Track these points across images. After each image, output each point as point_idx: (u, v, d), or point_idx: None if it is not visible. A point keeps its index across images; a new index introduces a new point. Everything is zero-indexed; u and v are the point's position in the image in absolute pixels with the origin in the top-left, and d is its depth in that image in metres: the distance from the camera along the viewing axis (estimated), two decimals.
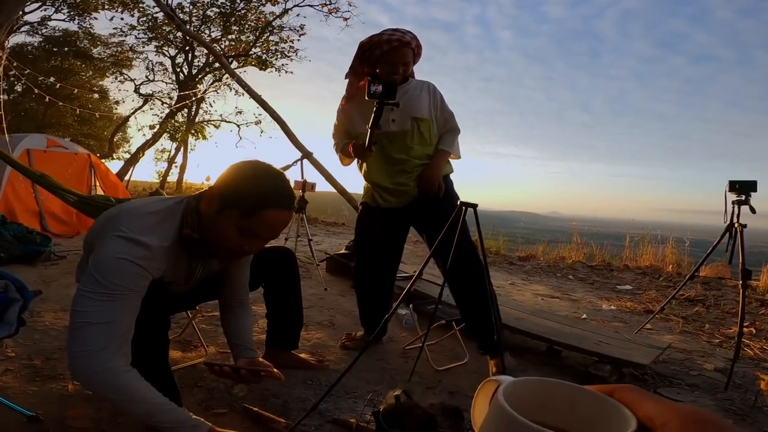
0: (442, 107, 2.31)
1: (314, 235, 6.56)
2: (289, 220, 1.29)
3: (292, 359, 2.08)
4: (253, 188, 1.22)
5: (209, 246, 1.31)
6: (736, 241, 2.54)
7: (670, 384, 2.26)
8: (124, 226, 1.22)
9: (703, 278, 5.00)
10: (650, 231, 7.10)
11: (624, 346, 2.44)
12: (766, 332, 3.27)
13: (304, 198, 4.21)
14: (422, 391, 2.01)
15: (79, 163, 5.00)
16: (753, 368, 2.49)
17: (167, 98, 17.44)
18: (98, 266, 1.17)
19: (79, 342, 1.15)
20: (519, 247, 7.40)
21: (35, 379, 1.70)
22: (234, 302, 1.70)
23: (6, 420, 1.40)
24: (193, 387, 1.81)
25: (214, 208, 1.25)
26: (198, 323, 2.43)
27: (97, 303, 1.15)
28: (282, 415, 1.64)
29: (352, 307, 3.27)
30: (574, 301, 4.24)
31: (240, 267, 1.65)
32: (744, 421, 1.89)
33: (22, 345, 1.97)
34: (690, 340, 3.06)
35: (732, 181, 2.55)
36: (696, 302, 4.19)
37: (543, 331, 2.58)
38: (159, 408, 1.19)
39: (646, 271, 5.85)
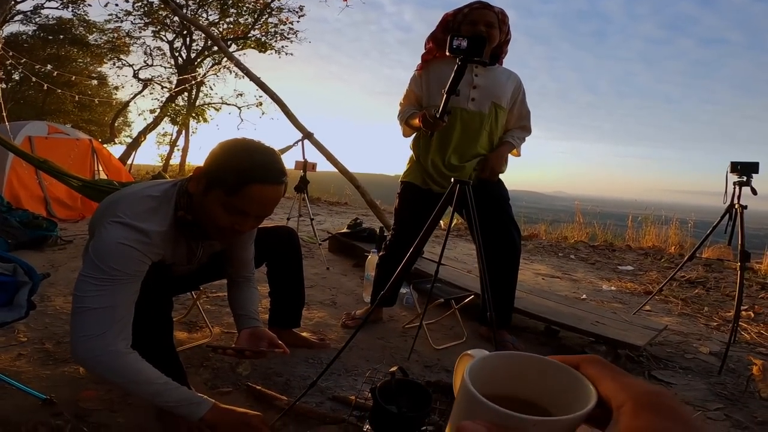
0: (522, 103, 2.27)
1: (316, 214, 6.58)
2: (277, 195, 1.26)
3: (294, 338, 2.12)
4: (236, 164, 1.21)
5: (202, 227, 1.33)
6: (735, 222, 2.55)
7: (665, 367, 2.28)
8: (122, 212, 1.23)
9: (704, 260, 5.00)
10: (654, 211, 7.06)
11: (621, 327, 2.48)
12: (765, 316, 3.28)
13: (305, 178, 4.21)
14: (421, 369, 2.05)
15: (81, 149, 5.03)
16: (748, 352, 2.50)
17: (167, 83, 17.41)
18: (98, 252, 1.20)
19: (80, 327, 1.18)
20: (522, 226, 7.39)
21: (48, 363, 1.74)
22: (239, 278, 1.73)
23: (21, 403, 1.45)
24: (199, 367, 1.86)
25: (201, 187, 1.26)
26: (203, 304, 2.46)
27: (97, 288, 1.18)
28: (284, 393, 1.69)
29: (353, 287, 3.32)
30: (575, 281, 4.27)
31: (243, 245, 1.67)
32: (734, 406, 1.90)
33: (33, 329, 2.02)
34: (688, 322, 3.09)
35: (734, 162, 2.55)
36: (696, 284, 4.21)
37: (541, 311, 2.62)
38: (163, 388, 1.23)
39: (648, 252, 5.85)
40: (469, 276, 3.31)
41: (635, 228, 6.90)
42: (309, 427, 1.43)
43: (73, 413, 1.44)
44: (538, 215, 9.12)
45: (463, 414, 0.31)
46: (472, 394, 0.30)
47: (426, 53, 2.22)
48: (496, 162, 2.19)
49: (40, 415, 1.41)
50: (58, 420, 1.39)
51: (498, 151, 2.21)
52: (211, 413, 1.26)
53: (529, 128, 2.31)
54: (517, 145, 2.26)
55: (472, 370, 0.33)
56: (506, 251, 2.25)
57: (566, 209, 10.75)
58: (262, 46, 15.78)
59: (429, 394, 1.36)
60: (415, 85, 2.26)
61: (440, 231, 5.42)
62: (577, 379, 0.32)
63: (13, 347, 1.83)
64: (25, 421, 1.36)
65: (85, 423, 1.40)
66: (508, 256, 2.26)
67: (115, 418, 1.45)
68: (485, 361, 0.35)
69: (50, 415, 1.41)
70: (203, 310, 2.28)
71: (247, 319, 1.60)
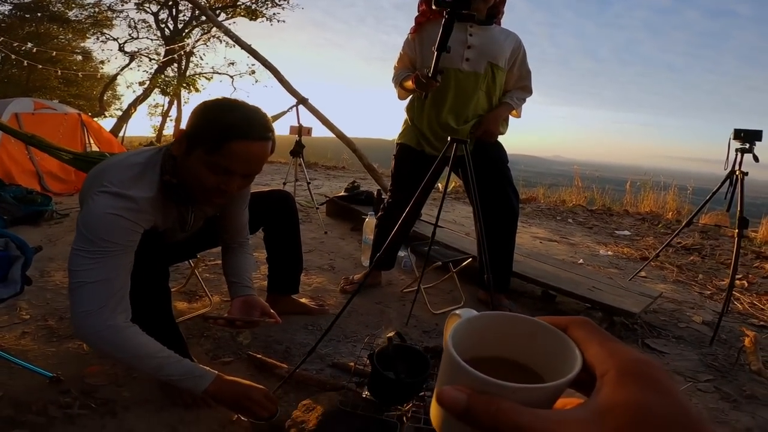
0: (522, 63, 2.21)
1: (314, 179, 6.53)
2: (262, 151, 1.23)
3: (293, 304, 2.13)
4: (215, 122, 1.18)
5: (189, 190, 1.30)
6: (736, 188, 2.55)
7: (658, 335, 2.31)
8: (108, 181, 1.20)
9: (701, 227, 5.02)
10: (653, 177, 7.03)
11: (616, 293, 2.51)
12: (758, 286, 3.31)
13: (301, 142, 4.19)
14: (419, 334, 2.08)
15: (69, 123, 4.97)
16: (740, 323, 2.53)
17: (154, 54, 17.05)
18: (87, 224, 1.17)
19: (78, 303, 1.17)
20: (520, 190, 7.36)
21: (52, 340, 1.75)
22: (234, 244, 1.71)
23: (29, 382, 1.46)
24: (200, 337, 1.88)
25: (183, 149, 1.23)
26: (201, 273, 2.45)
27: (90, 261, 1.16)
28: (284, 361, 1.71)
29: (352, 250, 3.33)
30: (572, 245, 4.29)
31: (236, 210, 1.65)
32: (724, 379, 1.92)
33: (35, 306, 2.01)
34: (682, 290, 3.12)
35: (737, 129, 2.55)
36: (692, 251, 4.24)
37: (539, 275, 2.64)
38: (165, 361, 1.23)
39: (645, 217, 5.85)
40: (468, 239, 3.31)
41: (633, 193, 6.89)
42: (309, 394, 1.45)
43: (80, 390, 1.45)
44: (537, 179, 9.09)
45: (446, 378, 0.30)
46: (453, 358, 0.29)
47: (419, 15, 2.16)
48: (492, 123, 2.16)
49: (49, 393, 1.42)
50: (67, 398, 1.41)
51: (494, 112, 2.17)
52: (214, 386, 1.26)
53: (529, 89, 2.26)
54: (516, 106, 2.22)
55: (456, 332, 0.32)
56: (504, 215, 2.24)
57: (565, 173, 10.71)
58: (252, 13, 15.38)
59: (427, 360, 1.37)
60: (409, 48, 2.22)
61: (438, 194, 5.39)
62: (564, 342, 0.31)
63: (16, 325, 1.83)
64: (34, 401, 1.37)
65: (92, 399, 1.42)
66: (505, 219, 2.25)
67: (120, 393, 1.46)
68: (472, 323, 0.34)
69: (58, 392, 1.43)
70: (202, 279, 2.28)
71: (240, 287, 1.59)
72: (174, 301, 2.15)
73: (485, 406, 0.27)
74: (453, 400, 0.28)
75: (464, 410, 0.27)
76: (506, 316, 0.34)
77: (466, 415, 0.27)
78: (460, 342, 0.31)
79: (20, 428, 1.26)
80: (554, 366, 0.31)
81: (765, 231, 5.03)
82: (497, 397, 0.27)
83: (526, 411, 0.26)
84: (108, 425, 1.32)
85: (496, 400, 0.27)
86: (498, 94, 2.19)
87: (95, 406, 1.39)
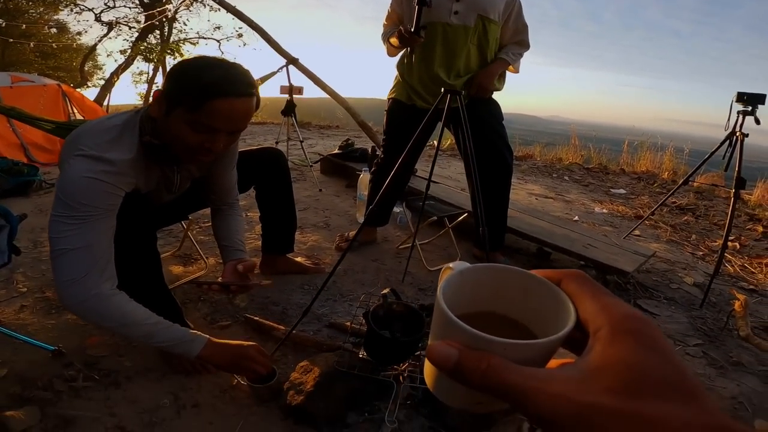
0: (518, 16, 2.13)
1: (307, 138, 6.42)
2: (245, 107, 1.19)
3: (289, 264, 2.12)
4: (194, 80, 1.13)
5: (172, 150, 1.26)
6: (735, 149, 2.54)
7: (650, 296, 2.33)
8: (84, 144, 1.16)
9: (696, 187, 5.02)
10: (650, 138, 6.99)
11: (611, 251, 2.52)
12: (750, 248, 3.33)
13: (292, 101, 4.11)
14: (415, 292, 2.09)
15: (50, 94, 4.88)
16: (730, 286, 2.55)
17: (134, 22, 16.31)
18: (64, 189, 1.13)
19: (61, 271, 1.14)
20: (516, 148, 7.29)
21: (51, 312, 1.73)
22: (223, 205, 1.68)
23: (32, 357, 1.45)
24: (197, 302, 1.87)
25: (163, 109, 1.18)
26: (195, 235, 2.43)
27: (69, 227, 1.13)
28: (282, 322, 1.71)
29: (347, 207, 3.30)
30: (568, 202, 4.30)
31: (224, 169, 1.61)
32: (713, 344, 1.95)
33: (31, 278, 1.98)
34: (675, 250, 3.14)
35: (740, 93, 2.53)
36: (686, 211, 4.25)
37: (534, 231, 2.64)
38: (154, 329, 1.22)
39: (641, 177, 5.85)
40: (463, 194, 3.29)
41: (630, 153, 6.86)
42: (307, 356, 1.46)
43: (83, 361, 1.45)
44: (534, 138, 9.00)
45: (437, 333, 0.30)
46: (444, 312, 0.29)
47: None
48: (485, 79, 2.11)
49: (52, 367, 1.42)
50: (70, 371, 1.41)
51: (489, 68, 2.12)
52: (206, 350, 1.26)
53: (526, 43, 2.19)
54: (512, 62, 2.16)
55: (448, 286, 0.31)
56: (498, 171, 2.22)
57: (562, 133, 10.60)
58: None
59: (422, 319, 1.37)
60: (396, 4, 2.19)
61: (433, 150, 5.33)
62: (558, 297, 0.30)
63: (15, 299, 1.81)
64: (39, 376, 1.37)
65: (95, 370, 1.42)
66: (499, 175, 2.24)
67: (122, 363, 1.47)
68: (464, 276, 0.33)
69: (62, 366, 1.43)
70: (196, 242, 2.26)
71: (232, 251, 1.56)
72: (169, 266, 2.14)
73: (475, 362, 0.26)
74: (443, 356, 0.27)
75: (454, 366, 0.27)
76: (499, 269, 0.33)
77: (456, 371, 0.27)
78: (452, 296, 0.30)
79: (29, 404, 1.27)
80: (548, 322, 0.30)
81: (759, 194, 5.05)
82: (487, 353, 0.26)
83: (515, 369, 0.25)
84: (113, 396, 1.33)
85: (486, 356, 0.26)
86: (493, 49, 2.13)
87: (98, 377, 1.40)
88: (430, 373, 0.32)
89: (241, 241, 1.61)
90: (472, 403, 0.30)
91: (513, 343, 0.26)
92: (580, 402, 0.23)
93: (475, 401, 0.30)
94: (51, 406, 1.27)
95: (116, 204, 1.20)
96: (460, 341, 0.27)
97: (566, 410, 0.23)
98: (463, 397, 0.30)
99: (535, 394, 0.24)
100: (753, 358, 1.84)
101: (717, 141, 2.72)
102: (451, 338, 0.28)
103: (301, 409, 1.25)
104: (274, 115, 8.39)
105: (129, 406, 1.30)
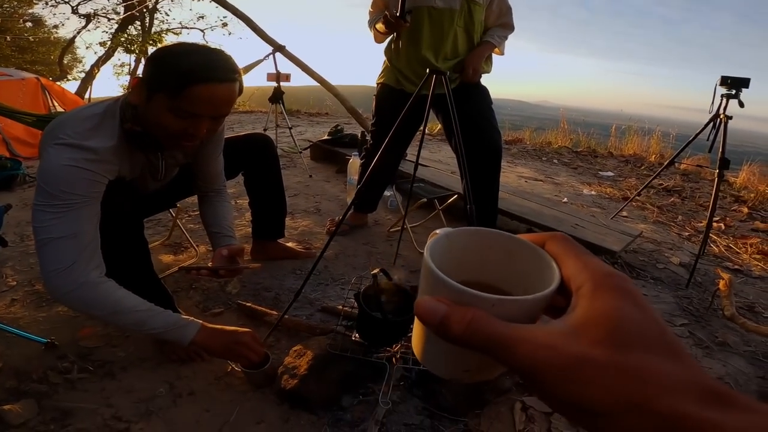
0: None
1: (297, 125, 6.36)
2: (227, 93, 1.17)
3: (280, 249, 2.12)
4: (174, 66, 1.11)
5: (155, 137, 1.24)
6: (719, 131, 2.57)
7: (637, 276, 2.37)
8: (64, 133, 1.14)
9: (682, 170, 5.08)
10: (638, 122, 7.05)
11: (599, 231, 2.56)
12: (735, 229, 3.39)
13: (280, 88, 4.07)
14: (406, 274, 2.09)
15: (29, 88, 4.78)
16: (716, 266, 2.59)
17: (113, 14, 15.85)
18: (45, 177, 1.11)
19: (47, 261, 1.12)
20: (506, 132, 7.31)
21: (41, 305, 1.72)
22: (210, 192, 1.67)
23: (25, 351, 1.44)
24: (189, 290, 1.86)
25: (143, 96, 1.16)
26: (185, 224, 2.41)
27: (53, 216, 1.11)
28: (274, 308, 1.71)
29: (337, 192, 3.30)
30: (557, 184, 4.33)
31: (210, 155, 1.59)
32: (698, 323, 1.98)
33: (20, 272, 1.96)
34: (661, 230, 3.19)
35: (724, 76, 2.55)
36: (673, 192, 4.31)
37: (523, 212, 2.67)
38: (146, 315, 1.21)
39: (629, 160, 5.91)
40: (453, 177, 3.30)
41: (618, 137, 6.92)
42: (300, 340, 1.46)
43: (76, 353, 1.45)
44: (523, 122, 9.01)
45: (426, 291, 0.30)
46: (430, 269, 0.29)
47: None
48: (476, 61, 2.11)
49: (46, 359, 1.41)
50: (65, 362, 1.40)
51: (475, 52, 2.12)
52: (200, 335, 1.26)
53: (511, 25, 2.19)
54: (498, 44, 2.16)
55: (435, 249, 0.31)
56: (488, 153, 2.22)
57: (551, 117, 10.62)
58: None
59: (413, 299, 1.38)
60: None
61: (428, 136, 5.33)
62: (542, 258, 0.30)
63: (5, 293, 1.79)
64: (34, 369, 1.36)
65: (90, 362, 1.42)
66: (489, 158, 2.24)
67: (116, 353, 1.46)
68: (450, 238, 0.33)
69: (55, 358, 1.42)
70: (186, 230, 2.24)
71: (221, 237, 1.56)
72: (159, 255, 2.12)
73: (460, 314, 0.26)
74: (430, 309, 0.27)
75: (440, 321, 0.26)
76: (484, 232, 0.33)
77: (442, 324, 0.26)
78: (439, 259, 0.30)
79: (26, 397, 1.26)
80: (533, 284, 0.30)
81: (745, 176, 5.13)
82: (473, 307, 0.26)
83: (500, 321, 0.25)
84: (108, 387, 1.33)
85: (471, 309, 0.26)
86: (479, 31, 2.13)
87: (93, 368, 1.39)
88: (418, 341, 0.32)
89: (230, 226, 1.61)
90: (460, 370, 0.30)
91: (500, 299, 0.26)
92: (569, 353, 0.23)
93: (463, 368, 0.30)
94: (47, 399, 1.27)
95: (99, 191, 1.19)
96: (448, 298, 0.27)
97: (553, 360, 0.23)
98: (451, 363, 0.30)
99: (520, 343, 0.24)
100: (739, 339, 1.87)
101: (703, 125, 2.75)
102: (440, 295, 0.28)
103: (295, 393, 1.26)
104: (262, 104, 8.29)
105: (125, 396, 1.30)
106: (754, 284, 2.44)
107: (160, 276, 1.61)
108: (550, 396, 0.24)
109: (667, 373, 0.22)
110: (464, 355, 0.29)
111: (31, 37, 13.83)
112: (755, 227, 3.44)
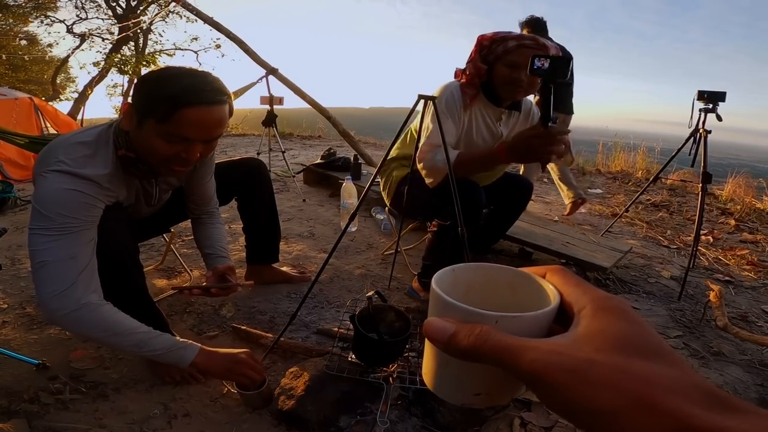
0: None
1: (290, 148, 6.42)
2: (218, 116, 1.17)
3: (275, 273, 2.12)
4: (161, 91, 1.12)
5: (147, 162, 1.25)
6: (699, 146, 2.63)
7: (629, 291, 2.40)
8: (59, 159, 1.14)
9: (669, 184, 5.17)
10: (623, 138, 7.21)
11: (589, 248, 2.59)
12: (723, 241, 3.44)
13: (273, 112, 4.12)
14: (401, 297, 2.11)
15: (22, 108, 4.76)
16: (706, 278, 2.63)
17: (107, 34, 16.17)
18: (41, 201, 1.12)
19: (43, 285, 1.11)
20: None
21: (33, 327, 1.71)
22: (203, 215, 1.68)
23: (17, 372, 1.43)
24: (183, 313, 1.86)
25: (134, 122, 1.18)
26: (178, 248, 2.41)
27: (48, 240, 1.11)
28: (269, 331, 1.71)
29: (331, 216, 3.32)
30: (547, 203, 4.39)
31: (202, 178, 1.61)
32: (692, 334, 2.00)
33: (11, 295, 1.96)
34: (651, 245, 3.24)
35: (701, 91, 2.60)
36: (661, 207, 4.38)
37: (515, 233, 2.70)
38: (146, 336, 1.21)
39: (616, 176, 6.02)
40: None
41: (605, 153, 7.05)
42: (297, 362, 1.47)
43: (68, 375, 1.44)
44: None
45: (434, 316, 0.32)
46: (438, 295, 0.31)
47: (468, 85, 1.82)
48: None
49: (38, 380, 1.40)
50: (56, 383, 1.39)
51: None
52: (200, 357, 1.26)
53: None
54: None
55: (442, 279, 0.34)
56: (522, 189, 2.24)
57: None
58: None
59: (409, 320, 1.39)
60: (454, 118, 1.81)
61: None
62: (542, 287, 0.33)
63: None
64: (26, 389, 1.36)
65: (82, 383, 1.41)
66: (523, 194, 2.25)
67: (109, 375, 1.46)
68: (456, 274, 0.36)
69: (47, 379, 1.41)
70: (180, 255, 2.24)
71: (214, 258, 1.57)
72: (153, 279, 2.12)
73: (468, 329, 0.28)
74: (439, 328, 0.29)
75: (449, 339, 0.28)
76: (487, 267, 0.36)
77: (450, 341, 0.28)
78: (446, 289, 0.32)
79: (17, 417, 1.25)
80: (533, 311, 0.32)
81: (730, 189, 5.21)
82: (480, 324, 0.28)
83: (507, 334, 0.27)
84: (101, 408, 1.32)
85: (479, 324, 0.28)
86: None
87: (85, 390, 1.38)
88: (428, 368, 0.33)
89: (223, 247, 1.62)
90: (471, 394, 0.32)
91: (504, 316, 0.28)
92: (576, 356, 0.24)
93: (474, 391, 0.32)
94: (39, 419, 1.26)
95: (96, 216, 1.20)
96: (454, 318, 0.29)
97: (563, 363, 0.24)
98: (463, 386, 0.32)
99: (528, 350, 0.26)
100: (734, 348, 1.89)
101: (684, 140, 2.80)
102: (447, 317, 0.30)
103: (292, 414, 1.26)
104: (255, 127, 8.35)
105: (119, 417, 1.29)
106: (746, 294, 2.48)
107: (155, 300, 1.62)
108: (558, 400, 0.25)
109: (670, 376, 0.23)
110: (475, 377, 0.31)
111: (26, 56, 13.86)
112: (743, 239, 3.50)
